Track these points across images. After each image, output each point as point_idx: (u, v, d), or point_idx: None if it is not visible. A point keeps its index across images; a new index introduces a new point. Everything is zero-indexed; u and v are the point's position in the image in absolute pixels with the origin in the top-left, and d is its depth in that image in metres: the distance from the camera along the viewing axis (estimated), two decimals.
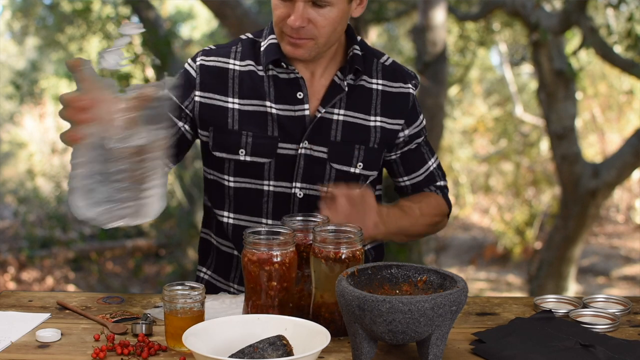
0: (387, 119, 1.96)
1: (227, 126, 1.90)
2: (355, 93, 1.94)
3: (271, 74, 1.91)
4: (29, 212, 8.67)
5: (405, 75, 2.01)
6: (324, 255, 1.62)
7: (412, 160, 2.05)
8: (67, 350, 1.56)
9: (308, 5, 1.78)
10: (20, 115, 9.59)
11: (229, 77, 1.92)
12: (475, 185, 10.60)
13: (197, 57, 1.95)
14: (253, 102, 1.91)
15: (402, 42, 9.77)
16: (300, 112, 1.91)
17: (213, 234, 2.07)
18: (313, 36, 1.81)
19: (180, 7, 9.51)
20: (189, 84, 1.92)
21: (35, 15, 8.77)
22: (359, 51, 1.94)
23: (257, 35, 1.97)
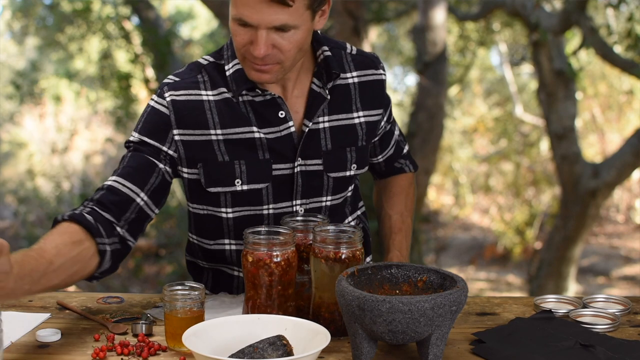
0: (368, 112, 1.94)
1: (217, 159, 1.81)
2: (335, 94, 1.89)
3: (246, 99, 1.82)
4: (29, 212, 8.67)
5: (374, 60, 1.97)
6: (324, 255, 1.62)
7: (386, 138, 2.07)
8: (67, 350, 1.56)
9: (271, 32, 1.68)
10: (20, 115, 9.58)
11: (206, 109, 1.80)
12: (475, 185, 10.59)
13: (165, 92, 1.82)
14: (237, 130, 1.81)
15: (402, 42, 9.76)
16: (287, 131, 1.84)
17: (202, 261, 2.02)
18: (279, 61, 1.72)
19: (180, 7, 9.51)
20: (164, 123, 1.80)
21: (35, 15, 8.77)
22: (329, 52, 1.86)
23: (217, 58, 1.86)
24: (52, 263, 1.50)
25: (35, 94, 9.03)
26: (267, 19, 1.66)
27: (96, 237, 1.64)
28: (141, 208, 1.77)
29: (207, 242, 1.95)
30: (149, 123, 1.81)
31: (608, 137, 10.02)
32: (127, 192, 1.76)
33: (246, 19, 1.68)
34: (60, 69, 9.28)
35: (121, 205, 1.74)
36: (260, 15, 1.66)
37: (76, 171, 9.52)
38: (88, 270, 1.64)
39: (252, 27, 1.68)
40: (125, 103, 8.36)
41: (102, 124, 9.89)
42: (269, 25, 1.67)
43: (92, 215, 1.67)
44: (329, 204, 1.93)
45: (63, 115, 9.71)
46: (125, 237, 1.73)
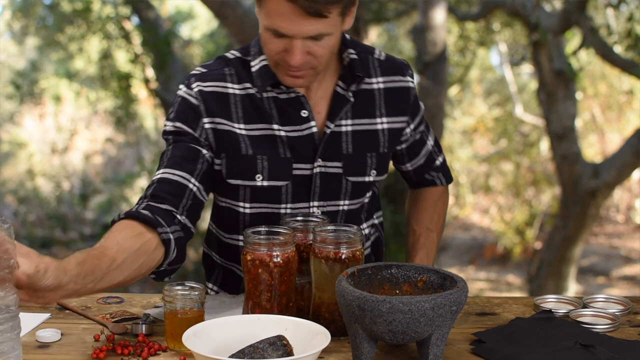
0: (392, 118, 1.92)
1: (241, 152, 1.81)
2: (359, 98, 1.88)
3: (270, 95, 1.82)
4: (29, 212, 8.67)
5: (402, 67, 1.95)
6: (324, 255, 1.61)
7: (415, 147, 2.04)
8: (67, 350, 1.56)
9: (306, 40, 1.68)
10: (20, 115, 9.58)
11: (231, 102, 1.82)
12: (475, 185, 10.60)
13: (192, 83, 1.82)
14: (259, 126, 1.82)
15: (402, 42, 9.76)
16: (308, 131, 1.84)
17: (216, 254, 2.05)
18: (313, 66, 1.73)
19: (180, 7, 9.50)
20: (194, 112, 1.81)
21: (35, 15, 8.77)
22: (355, 55, 1.85)
23: (244, 53, 1.86)
24: (115, 260, 1.49)
25: (35, 94, 9.03)
26: (303, 29, 1.65)
27: (157, 228, 1.62)
28: (195, 194, 1.76)
29: (223, 234, 1.97)
30: (181, 112, 1.81)
31: (608, 137, 10.02)
32: (179, 180, 1.74)
33: (282, 30, 1.66)
34: (60, 69, 9.28)
35: (176, 193, 1.73)
36: (296, 27, 1.65)
37: (76, 171, 9.52)
38: (154, 262, 1.61)
39: (287, 37, 1.67)
40: (125, 103, 8.36)
41: (102, 124, 9.89)
42: (305, 36, 1.66)
43: (148, 210, 1.65)
44: (346, 208, 1.92)
45: (63, 115, 9.71)
46: (186, 224, 1.72)
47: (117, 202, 8.88)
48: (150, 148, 9.29)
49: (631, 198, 10.34)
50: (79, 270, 1.41)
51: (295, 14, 1.62)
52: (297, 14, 1.62)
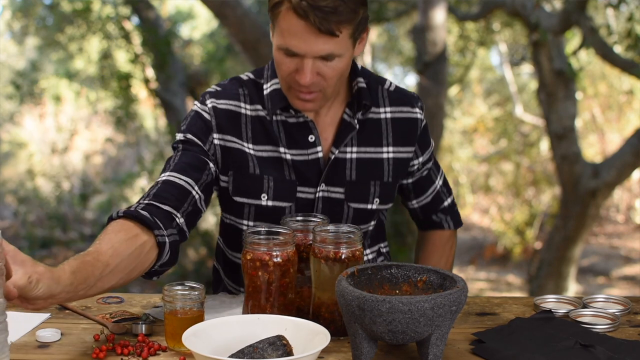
0: (399, 148, 1.94)
1: (249, 170, 1.86)
2: (366, 127, 1.91)
3: (279, 119, 1.87)
4: (29, 212, 8.67)
5: (412, 99, 1.97)
6: (323, 255, 1.62)
7: (422, 185, 2.07)
8: (67, 350, 1.56)
9: (317, 60, 1.72)
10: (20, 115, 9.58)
11: (242, 122, 1.87)
12: (475, 185, 10.59)
13: (206, 99, 1.88)
14: (266, 147, 1.87)
15: (402, 42, 9.76)
16: (314, 155, 1.88)
17: (222, 271, 2.08)
18: (322, 88, 1.77)
19: (180, 7, 9.50)
20: (206, 127, 1.86)
21: (35, 15, 8.76)
22: (363, 83, 1.89)
23: (258, 76, 1.91)
24: (108, 265, 1.50)
25: (35, 94, 9.02)
26: (314, 48, 1.69)
27: (154, 230, 1.63)
28: (196, 202, 1.79)
29: (229, 251, 2.02)
30: (193, 125, 1.86)
31: (608, 137, 10.02)
32: (183, 185, 1.77)
33: (294, 49, 1.71)
34: (60, 69, 9.27)
35: (179, 196, 1.75)
36: (308, 46, 1.69)
37: (76, 171, 9.52)
38: (147, 265, 1.63)
39: (298, 56, 1.72)
40: (125, 103, 8.36)
41: (102, 124, 9.89)
42: (316, 55, 1.71)
43: (147, 211, 1.66)
44: None
45: (63, 115, 9.70)
46: (182, 227, 1.74)
47: (117, 202, 8.88)
48: (150, 148, 9.28)
49: (631, 198, 10.34)
50: (72, 280, 1.41)
51: (308, 32, 1.67)
52: (309, 32, 1.67)
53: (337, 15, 1.66)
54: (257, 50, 6.44)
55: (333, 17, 1.65)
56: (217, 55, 9.10)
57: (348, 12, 1.67)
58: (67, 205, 8.76)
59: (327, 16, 1.65)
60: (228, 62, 9.04)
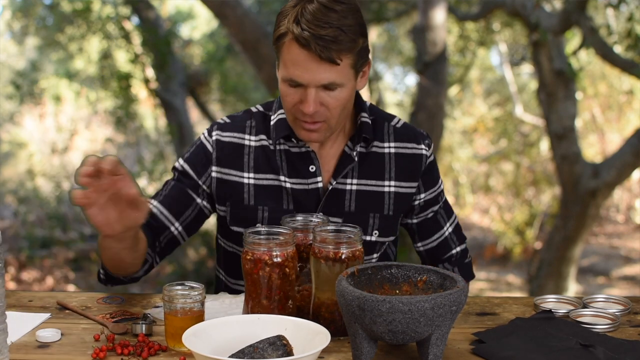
0: (401, 183, 1.96)
1: (244, 202, 1.92)
2: (368, 160, 1.95)
3: (282, 148, 1.92)
4: (29, 212, 8.66)
5: (418, 136, 2.00)
6: (323, 255, 1.62)
7: (427, 228, 2.06)
8: (67, 350, 1.56)
9: (320, 90, 1.78)
10: (20, 115, 9.58)
11: (245, 153, 1.93)
12: (475, 185, 10.59)
13: (213, 131, 1.95)
14: (267, 176, 1.92)
15: (402, 42, 9.76)
16: (314, 185, 1.92)
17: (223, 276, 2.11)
18: (325, 118, 1.82)
19: (180, 7, 9.50)
20: (206, 159, 1.94)
21: (35, 15, 8.76)
22: (367, 118, 1.94)
23: (267, 108, 1.98)
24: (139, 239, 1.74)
25: (35, 94, 9.02)
26: (316, 77, 1.76)
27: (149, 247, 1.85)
28: (174, 236, 1.94)
29: (231, 280, 2.04)
30: (194, 155, 1.96)
31: (608, 137, 10.02)
32: (163, 220, 1.93)
33: (297, 79, 1.78)
34: (60, 69, 9.27)
35: (157, 230, 1.92)
36: (310, 74, 1.76)
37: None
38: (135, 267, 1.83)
39: (302, 87, 1.79)
40: (125, 103, 8.36)
41: (102, 124, 9.89)
42: (318, 84, 1.77)
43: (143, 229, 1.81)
44: None
45: (63, 115, 9.70)
46: (155, 258, 1.93)
47: None
48: (150, 148, 9.29)
49: (631, 198, 10.34)
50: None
51: (310, 61, 1.75)
52: (312, 61, 1.74)
53: (337, 44, 1.73)
54: (257, 50, 6.44)
55: (334, 46, 1.73)
56: (217, 55, 9.10)
57: (348, 41, 1.75)
58: (67, 205, 8.75)
59: (328, 44, 1.73)
60: (228, 62, 9.04)
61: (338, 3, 1.76)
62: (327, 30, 1.73)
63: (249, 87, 9.10)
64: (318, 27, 1.72)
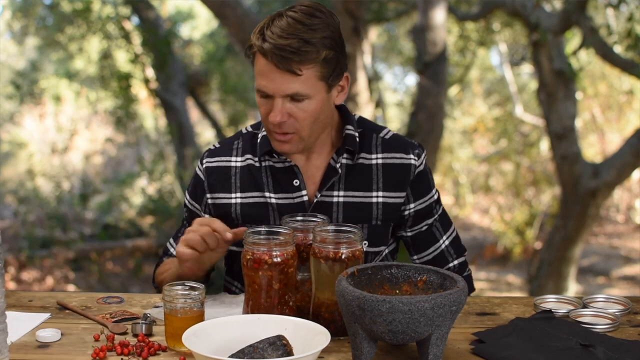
0: (388, 193, 1.95)
1: (233, 222, 1.95)
2: (355, 172, 1.95)
3: (267, 164, 1.95)
4: (29, 212, 8.67)
5: (407, 146, 1.99)
6: (323, 255, 1.62)
7: (422, 241, 2.04)
8: (67, 350, 1.56)
9: (286, 101, 1.80)
10: (20, 115, 9.58)
11: (232, 174, 1.98)
12: (475, 185, 10.59)
13: (203, 159, 2.01)
14: (253, 194, 1.95)
15: (402, 42, 9.76)
16: (299, 199, 1.93)
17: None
18: (295, 130, 1.83)
19: (180, 7, 9.50)
20: (201, 188, 2.00)
21: (35, 15, 8.76)
22: (352, 131, 1.94)
23: (256, 128, 2.01)
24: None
25: (35, 94, 9.02)
26: (280, 87, 1.79)
27: None
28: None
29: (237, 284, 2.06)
30: (193, 187, 2.04)
31: (608, 137, 10.02)
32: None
33: (263, 89, 1.81)
34: (60, 69, 9.27)
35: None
36: (274, 84, 1.79)
37: (76, 171, 9.52)
38: None
39: (271, 97, 1.82)
40: (125, 103, 8.36)
41: (102, 124, 9.89)
42: (283, 94, 1.80)
43: None
44: None
45: (63, 115, 9.70)
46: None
47: (117, 202, 8.88)
48: (150, 148, 9.29)
49: (631, 198, 10.34)
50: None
51: (272, 71, 1.78)
52: (273, 71, 1.77)
53: (298, 55, 1.75)
54: None
55: (294, 57, 1.75)
56: (217, 55, 9.10)
57: (311, 52, 1.76)
58: (67, 205, 8.76)
59: (287, 55, 1.75)
60: (228, 62, 9.04)
61: (311, 17, 1.79)
62: (290, 41, 1.75)
63: (249, 87, 9.10)
64: (281, 37, 1.75)
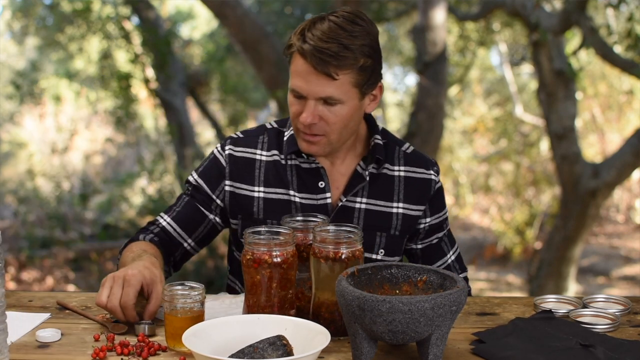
0: (409, 205, 1.99)
1: (253, 215, 1.96)
2: (378, 181, 1.98)
3: (293, 163, 1.97)
4: (29, 212, 8.67)
5: (427, 162, 2.04)
6: (323, 255, 1.62)
7: (431, 254, 2.08)
8: (67, 350, 1.56)
9: (319, 103, 1.83)
10: (20, 115, 9.58)
11: (256, 167, 1.98)
12: (475, 185, 10.59)
13: (226, 145, 2.00)
14: (277, 190, 1.96)
15: (402, 42, 9.76)
16: (323, 201, 1.95)
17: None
18: (324, 132, 1.86)
19: (180, 7, 9.50)
20: (219, 173, 1.99)
21: (35, 15, 8.76)
22: (380, 140, 1.98)
23: (282, 125, 2.03)
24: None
25: (35, 94, 9.02)
26: (314, 89, 1.82)
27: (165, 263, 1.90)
28: (187, 251, 2.02)
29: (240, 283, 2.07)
30: (207, 169, 2.01)
31: (608, 137, 10.02)
32: (176, 237, 2.00)
33: (298, 90, 1.84)
34: (60, 69, 9.27)
35: (171, 247, 1.99)
36: (309, 86, 1.82)
37: (76, 171, 9.52)
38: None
39: (304, 99, 1.85)
40: (125, 103, 8.36)
41: (102, 124, 9.89)
42: (316, 96, 1.82)
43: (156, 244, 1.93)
44: None
45: (63, 115, 9.70)
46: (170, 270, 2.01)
47: (117, 202, 8.88)
48: (150, 148, 9.29)
49: (631, 198, 10.34)
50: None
51: (309, 73, 1.80)
52: (310, 73, 1.80)
53: (337, 59, 1.78)
54: (257, 50, 6.44)
55: (333, 61, 1.78)
56: (217, 55, 9.10)
57: (349, 59, 1.80)
58: (67, 205, 8.76)
59: (326, 58, 1.78)
60: (228, 62, 9.04)
61: (352, 24, 1.83)
62: (330, 44, 1.78)
63: (249, 87, 9.10)
64: (321, 40, 1.78)
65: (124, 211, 8.93)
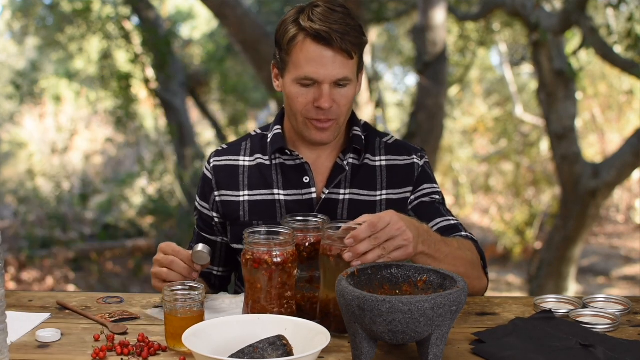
0: (393, 190, 1.99)
1: (240, 219, 1.98)
2: (360, 172, 1.99)
3: (278, 162, 1.99)
4: (29, 212, 8.67)
5: (410, 149, 2.04)
6: (332, 253, 1.62)
7: (426, 211, 1.98)
8: (67, 350, 1.56)
9: (332, 86, 1.85)
10: (20, 115, 9.59)
11: (239, 173, 2.01)
12: (475, 185, 10.60)
13: (211, 159, 2.05)
14: (261, 192, 1.98)
15: (402, 42, 9.76)
16: (308, 196, 1.96)
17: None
18: (337, 116, 1.88)
19: (180, 7, 9.51)
20: (210, 187, 2.03)
21: (35, 15, 8.77)
22: (359, 132, 2.00)
23: (265, 130, 2.05)
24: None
25: (35, 94, 9.03)
26: (332, 72, 1.82)
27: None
28: (221, 276, 2.09)
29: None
30: (201, 188, 2.06)
31: (608, 137, 10.03)
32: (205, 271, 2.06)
33: (312, 75, 1.83)
34: (60, 69, 9.28)
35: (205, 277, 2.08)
36: (325, 70, 1.82)
37: (76, 171, 9.53)
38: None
39: (315, 85, 1.85)
40: (125, 103, 8.36)
41: (102, 124, 9.90)
42: (333, 79, 1.83)
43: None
44: None
45: (63, 115, 9.71)
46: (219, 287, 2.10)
47: (117, 202, 8.89)
48: (150, 148, 9.29)
49: (631, 198, 10.35)
50: None
51: (323, 56, 1.81)
52: (327, 57, 1.81)
53: (350, 36, 1.81)
54: (257, 50, 6.44)
55: (348, 38, 1.81)
56: (217, 55, 9.10)
57: (356, 36, 1.83)
58: (67, 205, 8.77)
59: (344, 37, 1.80)
60: (228, 62, 9.05)
61: (341, 7, 1.85)
62: (338, 26, 1.80)
63: (249, 87, 9.11)
64: (332, 22, 1.80)
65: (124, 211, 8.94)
